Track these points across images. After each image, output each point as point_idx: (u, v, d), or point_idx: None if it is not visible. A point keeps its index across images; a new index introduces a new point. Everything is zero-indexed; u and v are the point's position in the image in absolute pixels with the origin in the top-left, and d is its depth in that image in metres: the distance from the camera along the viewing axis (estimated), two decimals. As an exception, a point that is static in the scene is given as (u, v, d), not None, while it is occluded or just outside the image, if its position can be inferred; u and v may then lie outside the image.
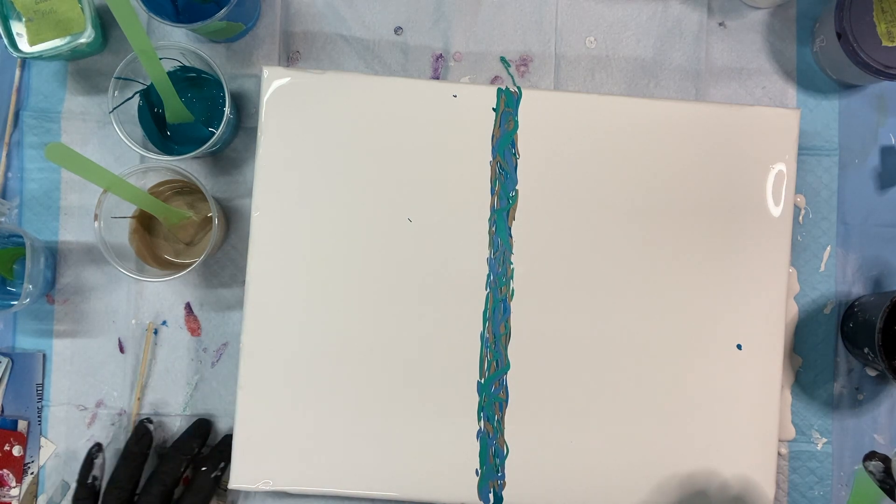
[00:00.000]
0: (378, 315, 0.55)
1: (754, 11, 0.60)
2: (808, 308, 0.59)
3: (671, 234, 0.55)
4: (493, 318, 0.55)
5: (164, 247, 0.58)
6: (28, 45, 0.55)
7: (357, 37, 0.60)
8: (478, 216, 0.55)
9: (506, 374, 0.55)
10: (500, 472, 0.54)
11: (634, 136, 0.56)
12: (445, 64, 0.60)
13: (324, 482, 0.54)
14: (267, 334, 0.54)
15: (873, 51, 0.54)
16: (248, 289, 0.55)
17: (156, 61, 0.51)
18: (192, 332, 0.59)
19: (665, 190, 0.56)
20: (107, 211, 0.53)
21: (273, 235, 0.55)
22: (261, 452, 0.54)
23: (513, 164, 0.55)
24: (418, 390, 0.55)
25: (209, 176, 0.59)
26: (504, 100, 0.56)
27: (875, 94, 0.60)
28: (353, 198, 0.55)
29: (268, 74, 0.55)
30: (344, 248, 0.55)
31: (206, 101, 0.58)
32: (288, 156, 0.55)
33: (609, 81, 0.60)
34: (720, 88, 0.60)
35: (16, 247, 0.58)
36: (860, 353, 0.56)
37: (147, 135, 0.57)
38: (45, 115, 0.59)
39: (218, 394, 0.58)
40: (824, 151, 0.59)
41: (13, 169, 0.59)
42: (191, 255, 0.58)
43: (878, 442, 0.58)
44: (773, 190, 0.56)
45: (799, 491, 0.58)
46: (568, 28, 0.60)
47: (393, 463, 0.54)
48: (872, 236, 0.59)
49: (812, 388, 0.59)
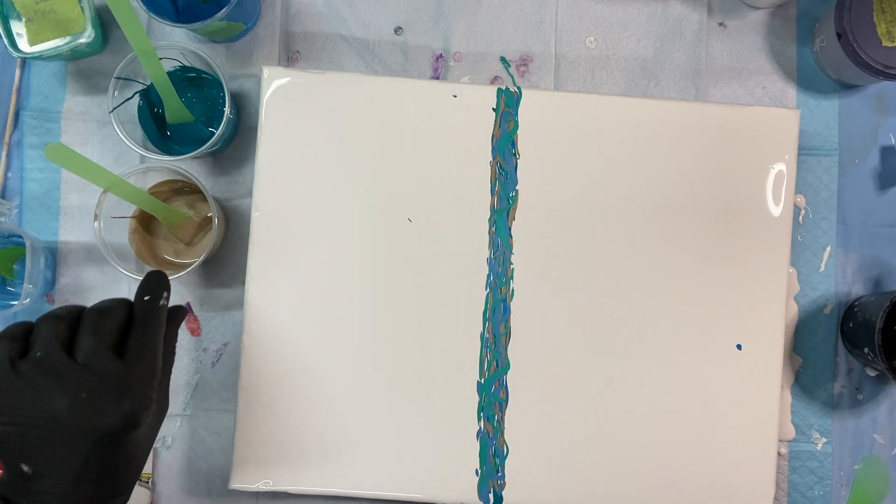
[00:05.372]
0: (378, 315, 0.55)
1: (754, 11, 0.60)
2: (808, 308, 0.59)
3: (671, 234, 0.55)
4: (493, 318, 0.55)
5: (163, 247, 0.58)
6: (28, 45, 0.55)
7: (357, 37, 0.60)
8: (478, 216, 0.55)
9: (506, 374, 0.55)
10: (500, 472, 0.54)
11: (634, 136, 0.56)
12: (445, 64, 0.60)
13: (324, 482, 0.54)
14: (267, 334, 0.54)
15: (873, 51, 0.54)
16: (248, 289, 0.55)
17: (156, 61, 0.51)
18: (192, 332, 0.59)
19: (665, 190, 0.56)
20: (107, 211, 0.53)
21: (273, 235, 0.55)
22: (261, 452, 0.54)
23: (513, 164, 0.55)
24: (418, 390, 0.55)
25: (209, 176, 0.59)
26: (504, 100, 0.56)
27: (875, 94, 0.60)
28: (353, 198, 0.55)
29: (268, 74, 0.55)
30: (344, 248, 0.55)
31: (206, 101, 0.58)
32: (288, 156, 0.55)
33: (609, 81, 0.60)
34: (720, 88, 0.60)
35: (16, 247, 0.58)
36: (860, 353, 0.56)
37: (147, 135, 0.57)
38: (45, 115, 0.59)
39: (218, 394, 0.58)
40: (824, 151, 0.59)
41: (13, 169, 0.59)
42: (190, 255, 0.58)
43: (878, 442, 0.58)
44: (773, 190, 0.56)
45: (799, 491, 0.58)
46: (568, 28, 0.60)
47: (393, 463, 0.54)
48: (872, 236, 0.59)
49: (812, 388, 0.59)
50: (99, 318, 0.41)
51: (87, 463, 0.39)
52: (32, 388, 0.38)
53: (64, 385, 0.38)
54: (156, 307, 0.42)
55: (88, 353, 0.39)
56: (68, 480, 0.39)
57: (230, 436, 0.56)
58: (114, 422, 0.39)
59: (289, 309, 0.55)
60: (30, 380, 0.38)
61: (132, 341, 0.41)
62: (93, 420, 0.39)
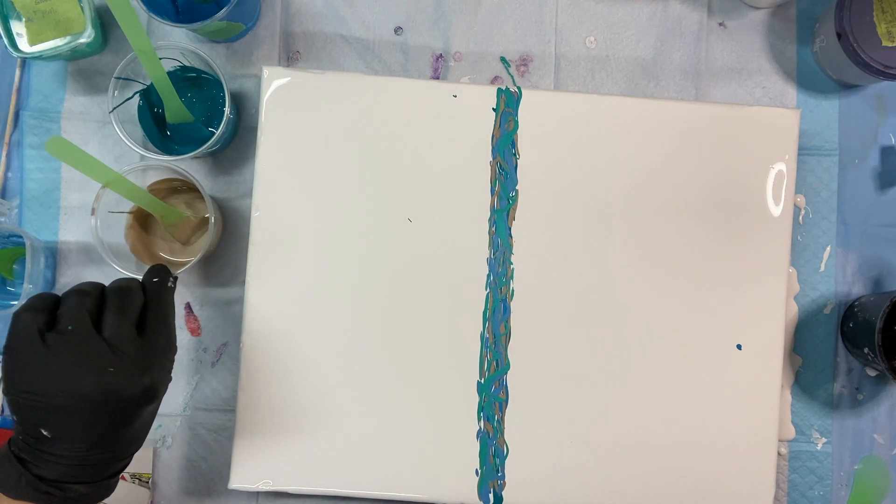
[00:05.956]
0: (378, 315, 0.55)
1: (754, 11, 0.60)
2: (808, 308, 0.59)
3: (671, 234, 0.55)
4: (493, 318, 0.55)
5: (160, 245, 0.58)
6: (28, 45, 0.55)
7: (357, 37, 0.60)
8: (478, 216, 0.55)
9: (506, 374, 0.55)
10: (500, 472, 0.54)
11: (634, 136, 0.56)
12: (445, 64, 0.60)
13: (324, 482, 0.54)
14: (267, 334, 0.54)
15: (873, 51, 0.54)
16: (248, 289, 0.55)
17: (156, 61, 0.51)
18: (192, 332, 0.59)
19: (665, 190, 0.56)
20: (105, 207, 0.53)
21: (273, 235, 0.55)
22: (261, 452, 0.54)
23: (513, 164, 0.55)
24: (418, 390, 0.55)
25: (209, 176, 0.59)
26: (504, 100, 0.56)
27: (875, 94, 0.60)
28: (353, 198, 0.55)
29: (268, 74, 0.55)
30: (344, 248, 0.55)
31: (206, 101, 0.58)
32: (288, 156, 0.55)
33: (609, 81, 0.60)
34: (720, 88, 0.60)
35: (16, 247, 0.58)
36: (860, 353, 0.56)
37: (147, 135, 0.57)
38: (45, 115, 0.59)
39: (218, 394, 0.58)
40: (824, 151, 0.59)
41: (13, 169, 0.59)
42: (186, 255, 0.58)
43: (878, 442, 0.58)
44: (773, 190, 0.56)
45: (799, 491, 0.58)
46: (568, 28, 0.60)
47: (393, 463, 0.54)
48: (872, 236, 0.59)
49: (812, 388, 0.59)
50: (122, 297, 0.43)
51: (105, 432, 0.41)
52: (61, 361, 0.40)
53: (92, 360, 0.41)
54: (165, 287, 0.45)
55: (115, 329, 0.42)
56: (84, 446, 0.41)
57: (230, 436, 0.56)
58: (136, 395, 0.42)
59: (289, 309, 0.55)
60: (59, 352, 0.40)
61: (150, 320, 0.44)
62: (118, 394, 0.41)
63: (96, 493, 0.43)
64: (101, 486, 0.43)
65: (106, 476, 0.43)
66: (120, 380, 0.41)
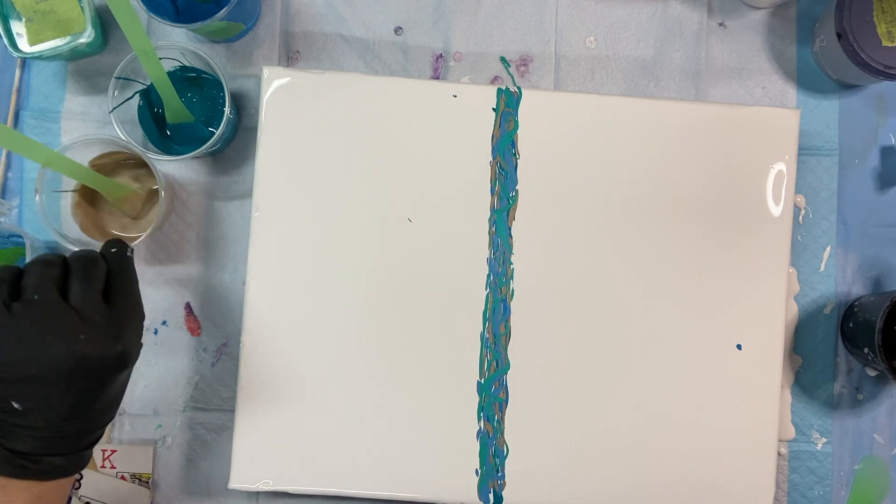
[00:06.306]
0: (378, 315, 0.55)
1: (754, 11, 0.60)
2: (808, 308, 0.59)
3: (671, 234, 0.55)
4: (493, 318, 0.55)
5: (109, 221, 0.57)
6: (28, 45, 0.55)
7: (357, 37, 0.60)
8: (478, 216, 0.55)
9: (506, 374, 0.55)
10: (500, 472, 0.54)
11: (634, 136, 0.56)
12: (445, 64, 0.60)
13: (324, 482, 0.54)
14: (267, 334, 0.54)
15: (873, 51, 0.54)
16: (248, 289, 0.55)
17: (156, 61, 0.51)
18: (192, 332, 0.59)
19: (665, 190, 0.56)
20: (49, 186, 0.52)
21: (273, 235, 0.55)
22: (261, 452, 0.54)
23: (513, 164, 0.56)
24: (418, 390, 0.55)
25: (209, 176, 0.59)
26: (504, 100, 0.56)
27: (875, 94, 0.60)
28: (353, 198, 0.55)
29: (268, 74, 0.55)
30: (344, 248, 0.55)
31: (206, 101, 0.58)
32: (288, 156, 0.55)
33: (609, 81, 0.60)
34: (720, 88, 0.60)
35: (16, 247, 0.58)
36: (860, 353, 0.56)
37: (147, 135, 0.57)
38: (45, 115, 0.59)
39: (218, 394, 0.58)
40: (824, 151, 0.59)
41: (13, 169, 0.59)
42: (138, 229, 0.56)
43: (878, 442, 0.58)
44: (773, 190, 0.56)
45: (799, 491, 0.58)
46: (568, 28, 0.60)
47: (393, 463, 0.54)
48: (872, 236, 0.59)
49: (812, 388, 0.59)
50: (86, 266, 0.43)
51: (78, 401, 0.41)
52: (29, 331, 0.39)
53: (62, 328, 0.40)
54: (125, 257, 0.45)
55: (81, 297, 0.41)
56: (57, 417, 0.40)
57: (230, 436, 0.56)
58: (109, 362, 0.41)
59: (289, 309, 0.55)
60: (26, 322, 0.39)
61: (115, 288, 0.43)
62: (90, 361, 0.40)
63: (71, 465, 0.42)
64: (75, 458, 0.43)
65: (81, 448, 0.43)
66: (92, 347, 0.40)
